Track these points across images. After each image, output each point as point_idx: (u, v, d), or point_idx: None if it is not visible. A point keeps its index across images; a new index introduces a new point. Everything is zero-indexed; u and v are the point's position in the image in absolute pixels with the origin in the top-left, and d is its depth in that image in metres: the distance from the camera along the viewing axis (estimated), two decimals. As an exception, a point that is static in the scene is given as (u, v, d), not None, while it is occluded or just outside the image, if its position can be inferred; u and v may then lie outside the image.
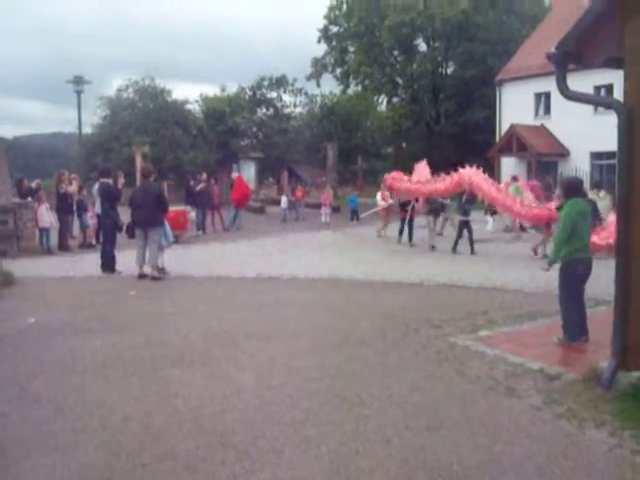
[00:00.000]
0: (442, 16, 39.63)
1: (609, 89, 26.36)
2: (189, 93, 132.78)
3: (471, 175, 15.40)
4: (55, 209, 16.59)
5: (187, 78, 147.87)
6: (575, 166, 29.66)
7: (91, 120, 53.48)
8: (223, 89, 44.67)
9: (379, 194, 20.60)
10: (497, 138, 34.70)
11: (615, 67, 6.03)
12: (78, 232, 17.78)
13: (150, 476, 4.14)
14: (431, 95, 46.55)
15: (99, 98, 40.36)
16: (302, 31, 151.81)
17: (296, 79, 49.15)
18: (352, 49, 47.40)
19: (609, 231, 11.44)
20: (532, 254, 14.69)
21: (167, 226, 12.59)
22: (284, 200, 27.17)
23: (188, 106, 41.60)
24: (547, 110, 33.03)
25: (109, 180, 13.29)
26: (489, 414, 5.14)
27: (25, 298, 10.21)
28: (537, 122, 33.08)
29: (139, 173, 16.72)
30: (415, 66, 46.21)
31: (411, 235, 17.68)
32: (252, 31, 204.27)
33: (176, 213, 16.91)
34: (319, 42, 47.27)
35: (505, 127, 33.36)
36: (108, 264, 12.60)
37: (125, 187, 15.38)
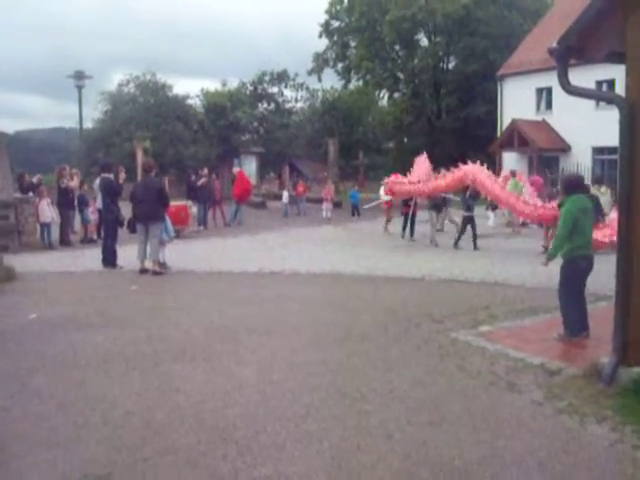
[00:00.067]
0: (443, 11, 39.54)
1: (611, 84, 26.24)
2: (190, 88, 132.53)
3: (475, 172, 15.33)
4: (56, 204, 16.60)
5: (188, 73, 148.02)
6: (577, 161, 29.61)
7: (92, 115, 53.62)
8: (224, 84, 44.65)
9: (382, 188, 20.55)
10: (498, 133, 34.64)
11: (617, 62, 6.01)
12: (79, 227, 17.77)
13: (151, 471, 4.15)
14: (432, 90, 46.47)
15: (100, 93, 40.42)
16: (303, 26, 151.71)
17: (297, 74, 49.16)
18: (353, 44, 47.32)
19: (612, 228, 11.39)
20: (543, 251, 14.49)
21: (168, 221, 12.61)
22: (285, 195, 27.14)
23: (189, 101, 41.65)
24: (549, 105, 32.96)
25: (110, 175, 13.27)
26: (490, 409, 5.14)
27: (26, 293, 10.22)
28: (539, 117, 33.01)
29: (140, 168, 16.68)
30: (416, 61, 46.12)
31: (412, 230, 17.72)
32: (253, 26, 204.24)
33: (177, 208, 16.93)
34: (320, 37, 47.18)
35: (506, 122, 33.29)
36: (109, 259, 12.61)
37: (126, 182, 15.33)
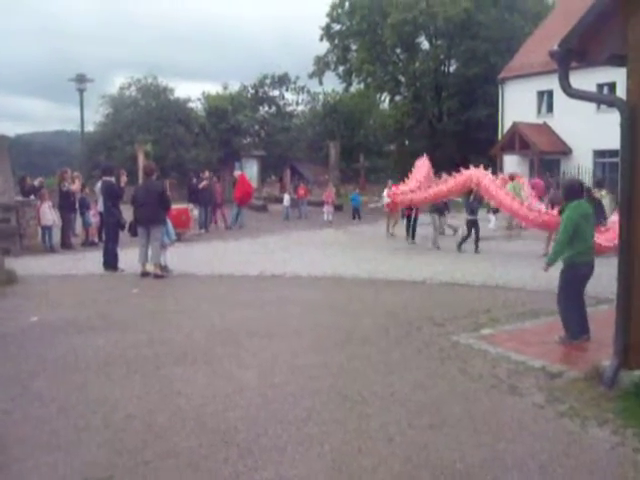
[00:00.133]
0: (444, 14, 39.64)
1: (612, 87, 26.30)
2: (191, 91, 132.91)
3: (479, 176, 15.28)
4: (58, 207, 16.64)
5: (189, 77, 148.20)
6: (578, 164, 29.65)
7: (94, 118, 53.79)
8: (225, 87, 44.66)
9: (386, 191, 20.52)
10: (500, 136, 34.69)
11: (618, 64, 6.02)
12: (80, 230, 17.78)
13: (153, 474, 4.14)
14: (434, 93, 46.56)
15: (102, 96, 40.41)
16: (304, 29, 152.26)
17: (298, 77, 49.23)
18: (354, 47, 47.45)
19: (614, 232, 11.35)
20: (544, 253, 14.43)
21: (169, 224, 12.62)
22: (286, 198, 27.18)
23: (190, 104, 41.67)
24: (550, 108, 33.02)
25: (112, 178, 13.28)
26: (492, 412, 5.13)
27: (28, 296, 10.22)
28: (540, 120, 33.07)
29: (141, 171, 16.69)
30: (418, 64, 46.23)
31: (414, 233, 17.74)
32: (254, 29, 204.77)
33: (178, 211, 16.93)
34: (321, 40, 47.30)
35: (508, 125, 33.36)
36: (110, 262, 12.61)
37: (127, 185, 15.40)
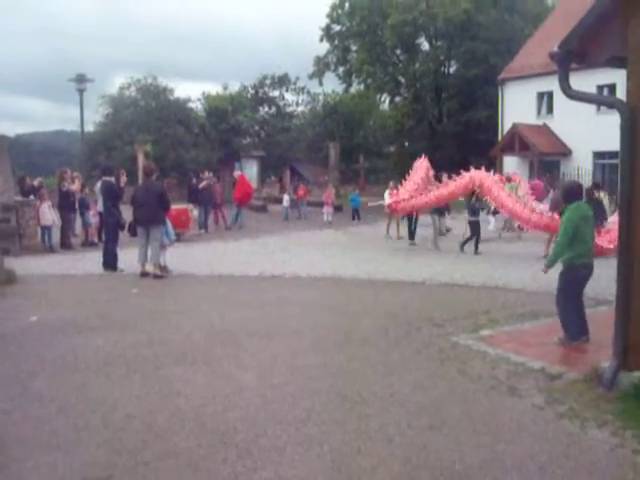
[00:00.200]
0: (444, 15, 39.57)
1: (612, 88, 26.28)
2: (191, 92, 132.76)
3: (482, 177, 15.23)
4: (57, 207, 16.63)
5: (189, 77, 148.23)
6: (577, 165, 29.62)
7: (93, 118, 53.76)
8: (225, 87, 44.61)
9: (387, 192, 20.41)
10: (499, 137, 34.66)
11: (618, 66, 6.03)
12: (80, 230, 17.78)
13: (152, 474, 4.15)
14: (434, 94, 46.51)
15: (101, 96, 40.36)
16: (304, 30, 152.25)
17: (298, 78, 49.23)
18: (354, 48, 47.34)
19: (615, 233, 11.29)
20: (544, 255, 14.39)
21: (169, 224, 12.63)
22: (286, 199, 27.16)
23: (190, 104, 41.60)
24: (549, 109, 33.00)
25: (111, 178, 13.29)
26: (491, 413, 5.14)
27: (27, 296, 10.22)
28: (539, 121, 33.04)
29: (141, 171, 16.70)
30: (417, 65, 46.16)
31: (413, 234, 17.74)
32: (255, 30, 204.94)
33: (178, 211, 16.93)
34: (321, 41, 47.20)
35: (507, 126, 33.33)
36: (110, 262, 12.62)
37: (127, 185, 15.39)
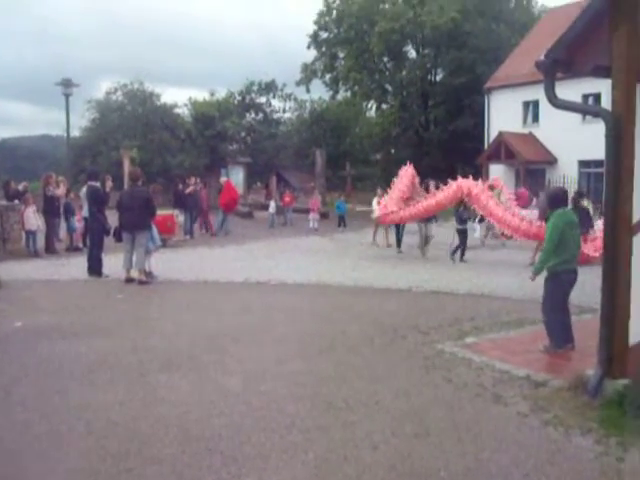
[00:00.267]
0: (432, 23, 39.83)
1: (597, 98, 26.50)
2: (178, 97, 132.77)
3: (470, 186, 15.26)
4: (42, 212, 16.50)
5: (176, 82, 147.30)
6: (563, 174, 29.82)
7: (79, 123, 53.34)
8: (212, 93, 44.59)
9: (375, 199, 20.37)
10: (486, 145, 34.86)
11: (603, 76, 6.06)
12: (65, 235, 17.65)
13: (135, 481, 4.11)
14: (420, 102, 46.75)
15: (87, 101, 40.31)
16: (292, 37, 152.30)
17: (285, 84, 49.16)
18: (342, 55, 47.47)
19: (600, 241, 11.33)
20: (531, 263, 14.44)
21: (154, 230, 12.57)
22: (272, 205, 27.14)
23: (177, 110, 41.53)
24: (535, 118, 33.24)
25: (97, 183, 13.23)
26: (476, 421, 5.14)
27: (11, 301, 10.13)
28: (525, 130, 33.28)
29: (127, 177, 16.63)
30: (404, 73, 46.40)
31: (400, 241, 17.76)
32: (242, 36, 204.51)
33: (164, 217, 16.86)
34: (309, 48, 47.34)
35: (493, 135, 33.54)
36: (95, 268, 12.54)
37: (113, 190, 15.33)
